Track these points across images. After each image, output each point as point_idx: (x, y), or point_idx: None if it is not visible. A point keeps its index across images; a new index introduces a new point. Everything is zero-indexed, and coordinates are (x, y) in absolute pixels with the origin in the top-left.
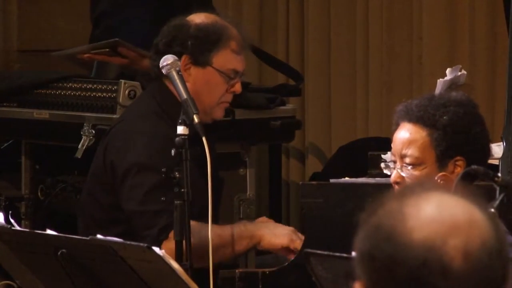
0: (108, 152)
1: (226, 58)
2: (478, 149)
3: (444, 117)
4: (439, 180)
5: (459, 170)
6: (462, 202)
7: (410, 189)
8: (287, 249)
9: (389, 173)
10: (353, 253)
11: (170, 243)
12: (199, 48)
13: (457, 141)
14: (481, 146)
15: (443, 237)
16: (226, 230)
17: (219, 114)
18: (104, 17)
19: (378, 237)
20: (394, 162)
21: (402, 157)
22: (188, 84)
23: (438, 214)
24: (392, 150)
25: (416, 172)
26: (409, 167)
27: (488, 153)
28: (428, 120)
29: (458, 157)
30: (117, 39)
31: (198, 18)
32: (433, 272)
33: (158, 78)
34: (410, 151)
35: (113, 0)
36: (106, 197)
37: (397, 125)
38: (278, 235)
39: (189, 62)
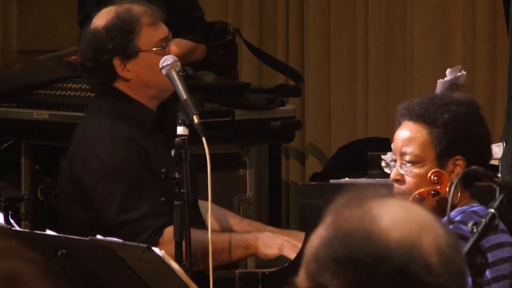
0: (74, 166)
1: (148, 35)
2: (479, 150)
3: (445, 115)
4: (432, 177)
5: (459, 170)
6: (417, 205)
7: (361, 196)
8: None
9: (389, 172)
10: (307, 266)
11: (162, 246)
12: (121, 45)
13: (457, 140)
14: (482, 146)
15: (418, 235)
16: (221, 237)
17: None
18: (89, 20)
19: (354, 240)
20: (395, 160)
21: (402, 154)
22: (133, 80)
23: (407, 214)
24: (393, 148)
25: (415, 170)
26: (408, 165)
27: (489, 154)
28: (429, 118)
29: (458, 157)
30: None
31: (100, 19)
32: (418, 267)
33: (104, 92)
34: (410, 149)
35: (97, 2)
36: (83, 212)
37: (399, 124)
38: (270, 245)
39: (122, 62)
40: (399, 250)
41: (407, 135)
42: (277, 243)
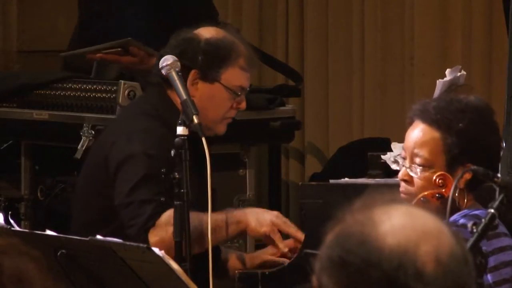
0: (102, 148)
1: (235, 75)
2: (490, 158)
3: (460, 124)
4: (437, 180)
5: (468, 176)
6: (428, 214)
7: (372, 202)
8: (270, 238)
9: (396, 168)
10: (317, 264)
11: (157, 231)
12: (209, 63)
13: (470, 149)
14: (493, 155)
15: (416, 243)
16: (212, 216)
17: (221, 129)
18: (98, 18)
19: (350, 243)
20: (404, 158)
21: (413, 156)
22: (194, 99)
23: (409, 221)
24: (404, 145)
25: (424, 173)
26: (418, 168)
27: (498, 161)
28: (443, 125)
29: (469, 164)
30: (129, 38)
31: (207, 32)
32: (408, 275)
33: (159, 85)
34: (422, 152)
35: (108, 1)
36: (97, 198)
37: (410, 122)
38: (262, 223)
39: (198, 77)
40: (390, 257)
41: (420, 137)
42: (267, 219)
